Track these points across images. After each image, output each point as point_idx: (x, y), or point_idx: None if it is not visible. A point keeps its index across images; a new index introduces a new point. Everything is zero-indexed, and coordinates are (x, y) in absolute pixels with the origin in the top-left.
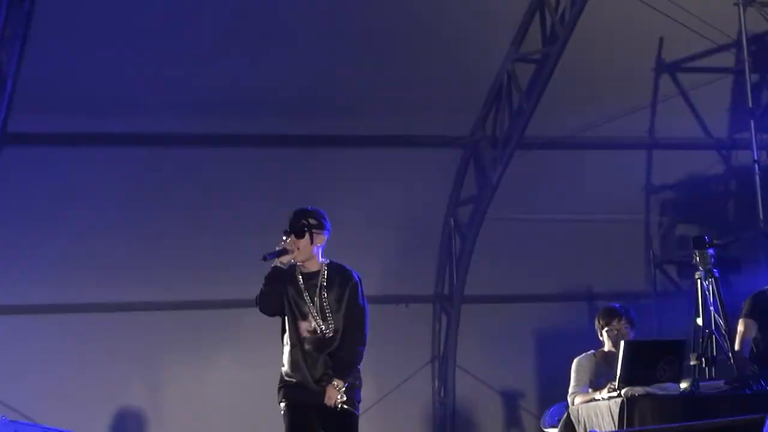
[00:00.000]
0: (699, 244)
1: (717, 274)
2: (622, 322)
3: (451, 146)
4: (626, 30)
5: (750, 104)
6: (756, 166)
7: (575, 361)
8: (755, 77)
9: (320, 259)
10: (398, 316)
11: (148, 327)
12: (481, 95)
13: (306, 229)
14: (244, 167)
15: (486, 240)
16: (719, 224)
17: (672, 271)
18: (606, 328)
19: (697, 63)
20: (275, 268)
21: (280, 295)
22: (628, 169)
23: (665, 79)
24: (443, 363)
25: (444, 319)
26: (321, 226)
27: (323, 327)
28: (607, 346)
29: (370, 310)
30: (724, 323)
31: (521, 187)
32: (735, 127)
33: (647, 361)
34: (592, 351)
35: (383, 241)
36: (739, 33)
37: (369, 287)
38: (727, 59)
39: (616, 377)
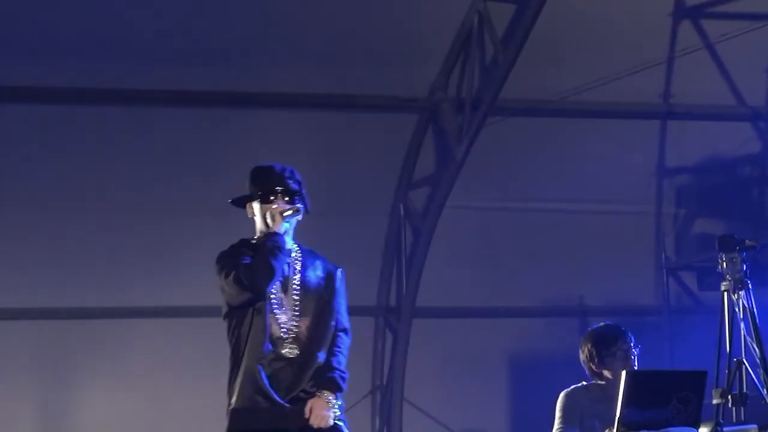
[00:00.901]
0: (726, 245)
1: (750, 285)
2: (630, 341)
3: (402, 110)
4: None
5: None
6: None
7: (562, 395)
8: None
9: (291, 238)
10: None
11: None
12: (443, 44)
13: (300, 192)
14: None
15: (445, 235)
16: (753, 219)
17: (690, 279)
18: (612, 350)
19: (728, 7)
20: (279, 236)
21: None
22: (634, 145)
23: (686, 28)
24: (386, 395)
25: (389, 337)
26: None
27: (294, 324)
28: (608, 375)
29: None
30: (759, 350)
31: (494, 166)
32: None
33: (656, 398)
34: (585, 383)
35: (311, 234)
36: None
37: None
38: (764, 2)
39: (614, 419)
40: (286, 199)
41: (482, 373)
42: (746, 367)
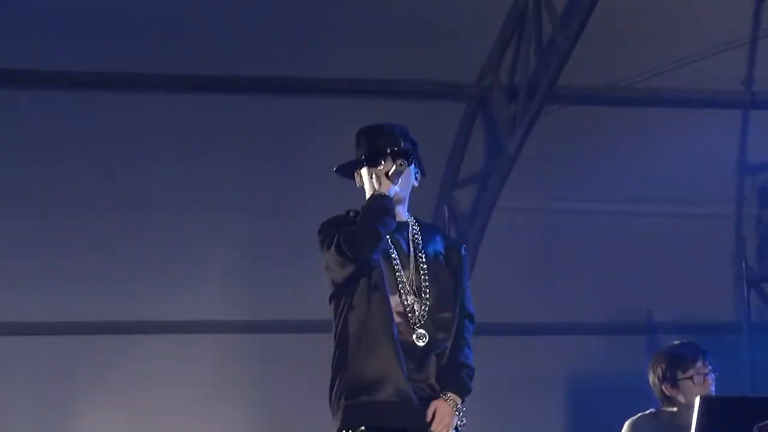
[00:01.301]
0: None
1: None
2: (708, 363)
3: (447, 98)
4: None
5: None
6: None
7: (627, 424)
8: None
9: (405, 210)
10: (270, 349)
11: None
12: (494, 23)
13: (412, 154)
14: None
15: (496, 240)
16: None
17: None
18: (690, 373)
19: None
20: (385, 198)
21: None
22: (712, 138)
23: None
24: None
25: None
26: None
27: (418, 307)
28: (682, 401)
29: (322, 341)
30: None
31: (550, 162)
32: None
33: (735, 427)
34: (654, 410)
35: (244, 243)
36: None
37: (313, 308)
38: None
39: None
40: (399, 162)
41: (537, 396)
42: None
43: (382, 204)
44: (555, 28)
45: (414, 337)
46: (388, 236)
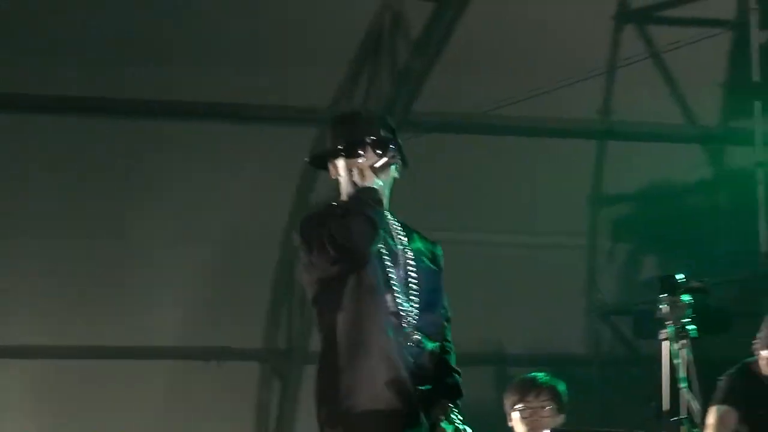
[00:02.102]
0: (669, 286)
1: (693, 334)
2: (542, 398)
3: (300, 122)
4: None
5: (755, 76)
6: (758, 171)
7: None
8: (764, 36)
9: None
10: (205, 378)
11: None
12: (348, 50)
13: (393, 143)
14: None
15: None
16: (701, 257)
17: (626, 326)
18: (518, 406)
19: (679, 11)
20: (374, 189)
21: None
22: (566, 168)
23: (629, 34)
24: None
25: (277, 385)
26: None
27: (409, 307)
28: None
29: (163, 366)
30: (702, 408)
31: (402, 189)
32: (731, 110)
33: None
34: None
35: (188, 265)
36: None
37: (164, 334)
38: (724, 7)
39: None
40: (378, 151)
41: None
42: (687, 426)
43: (372, 196)
44: (410, 54)
45: (407, 337)
46: None
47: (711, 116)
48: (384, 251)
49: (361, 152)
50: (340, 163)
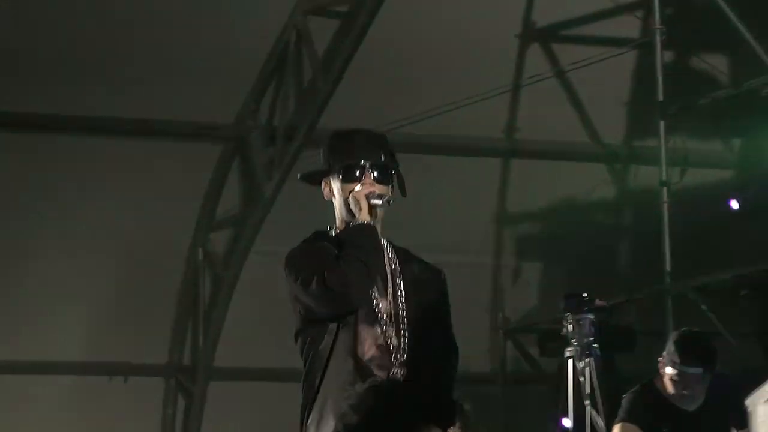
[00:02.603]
0: (573, 305)
1: (597, 353)
2: None
3: (203, 139)
4: None
5: (660, 96)
6: (664, 191)
7: None
8: (670, 55)
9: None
10: (109, 394)
11: None
12: (254, 64)
13: (395, 171)
14: None
15: (251, 285)
16: (605, 276)
17: (530, 343)
18: None
19: (584, 30)
20: (372, 229)
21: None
22: (471, 186)
23: (534, 53)
24: None
25: (182, 402)
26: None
27: (398, 341)
28: None
29: (67, 382)
30: (606, 425)
31: (310, 206)
32: (636, 129)
33: None
34: None
35: (92, 281)
36: None
37: (66, 348)
38: (629, 27)
39: None
40: (375, 175)
41: None
42: None
43: (371, 239)
44: (315, 71)
45: (394, 373)
46: None
47: (616, 135)
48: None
49: (358, 175)
50: (336, 185)
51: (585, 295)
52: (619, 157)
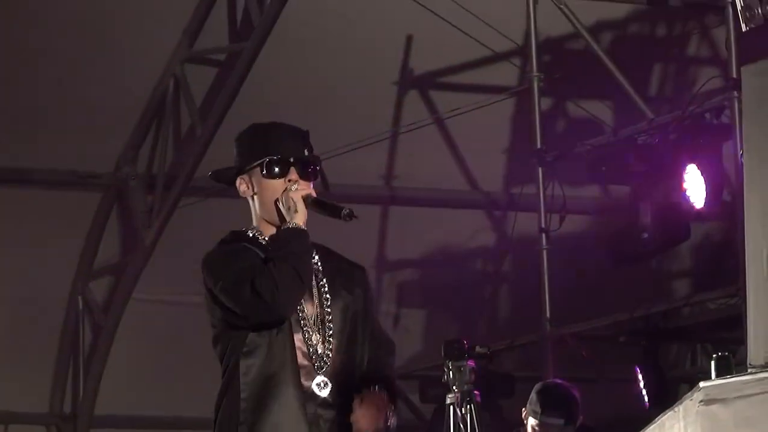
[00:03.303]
0: (453, 351)
1: (479, 399)
2: None
3: (82, 188)
4: (360, 21)
5: (538, 143)
6: (543, 237)
7: None
8: (547, 102)
9: None
10: None
11: None
12: (132, 112)
13: (318, 166)
14: None
15: (131, 331)
16: (486, 323)
17: (411, 389)
18: None
19: (463, 77)
20: (305, 234)
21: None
22: (350, 234)
23: (413, 100)
24: None
25: None
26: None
27: (322, 347)
28: None
29: None
30: None
31: (188, 253)
32: (514, 176)
33: None
34: None
35: None
36: (526, 35)
37: None
38: (506, 74)
39: None
40: (300, 171)
41: None
42: None
43: (304, 244)
44: (193, 119)
45: (315, 384)
46: None
47: (495, 182)
48: None
49: (283, 172)
50: (256, 181)
51: (465, 341)
52: (497, 204)
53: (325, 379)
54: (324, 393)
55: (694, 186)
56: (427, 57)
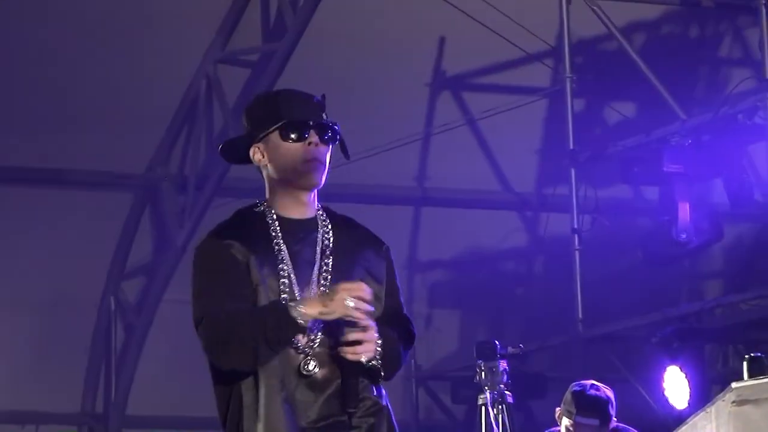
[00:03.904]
0: (486, 352)
1: (511, 399)
2: None
3: (115, 188)
4: (392, 23)
5: (571, 144)
6: (576, 238)
7: None
8: (580, 103)
9: (315, 201)
10: None
11: None
12: (165, 113)
13: (337, 132)
14: None
15: (163, 332)
16: (517, 324)
17: (443, 391)
18: None
19: (495, 78)
20: (300, 329)
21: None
22: (382, 234)
23: (445, 101)
24: None
25: None
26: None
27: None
28: None
29: None
30: None
31: None
32: (546, 177)
33: None
34: None
35: (4, 328)
36: (559, 37)
37: None
38: (539, 75)
39: None
40: (319, 135)
41: None
42: None
43: (286, 336)
44: (226, 119)
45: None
46: (282, 242)
47: (527, 183)
48: (286, 272)
49: (302, 136)
50: (277, 144)
51: (497, 342)
52: (530, 204)
53: (317, 362)
54: (316, 377)
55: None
56: (460, 58)
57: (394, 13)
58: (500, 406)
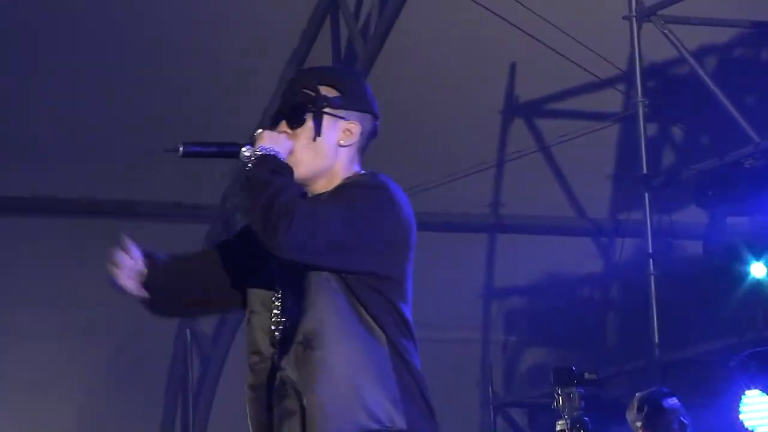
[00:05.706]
0: (563, 378)
1: (589, 425)
2: None
3: (189, 220)
4: (463, 50)
5: (644, 169)
6: (651, 262)
7: None
8: (653, 128)
9: (348, 174)
10: None
11: None
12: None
13: (312, 104)
14: None
15: (239, 363)
16: (594, 350)
17: (521, 417)
18: None
19: (567, 104)
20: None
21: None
22: (458, 262)
23: (518, 127)
24: None
25: None
26: (349, 101)
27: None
28: None
29: None
30: None
31: None
32: (620, 203)
33: None
34: None
35: (81, 362)
36: (630, 61)
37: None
38: (611, 100)
39: None
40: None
41: None
42: None
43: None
44: None
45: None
46: None
47: (601, 209)
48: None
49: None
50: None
51: (574, 368)
52: (604, 230)
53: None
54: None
55: None
56: (532, 85)
57: (465, 41)
58: (579, 431)
